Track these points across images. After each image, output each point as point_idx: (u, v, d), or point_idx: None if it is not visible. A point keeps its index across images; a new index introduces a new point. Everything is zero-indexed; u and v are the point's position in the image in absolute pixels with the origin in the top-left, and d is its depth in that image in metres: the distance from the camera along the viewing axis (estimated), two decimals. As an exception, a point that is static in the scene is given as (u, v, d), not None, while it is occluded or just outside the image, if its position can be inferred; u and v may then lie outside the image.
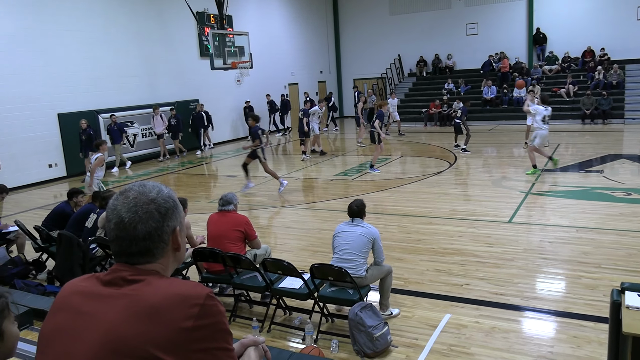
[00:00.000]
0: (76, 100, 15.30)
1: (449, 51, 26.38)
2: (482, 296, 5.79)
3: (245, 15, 21.89)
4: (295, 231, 9.00)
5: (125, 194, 1.48)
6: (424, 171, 13.25)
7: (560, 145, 15.83)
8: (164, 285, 1.41)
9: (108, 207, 1.49)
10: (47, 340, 1.43)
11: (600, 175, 11.47)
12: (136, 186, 1.50)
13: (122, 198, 1.47)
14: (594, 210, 8.84)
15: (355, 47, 28.98)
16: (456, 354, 4.64)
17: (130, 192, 1.48)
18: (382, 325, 4.70)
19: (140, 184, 1.51)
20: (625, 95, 20.94)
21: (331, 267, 5.00)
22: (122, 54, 16.76)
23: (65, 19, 14.96)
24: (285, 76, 25.47)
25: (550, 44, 24.25)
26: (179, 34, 19.01)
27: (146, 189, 1.49)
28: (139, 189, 1.49)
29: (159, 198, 1.48)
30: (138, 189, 1.49)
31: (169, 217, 1.49)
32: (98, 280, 1.45)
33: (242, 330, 5.36)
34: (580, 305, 5.45)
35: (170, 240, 1.50)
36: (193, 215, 9.54)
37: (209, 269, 5.87)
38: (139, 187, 1.50)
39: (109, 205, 1.49)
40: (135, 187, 1.50)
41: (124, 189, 1.51)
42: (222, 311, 1.43)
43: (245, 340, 1.76)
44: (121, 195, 1.49)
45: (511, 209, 9.20)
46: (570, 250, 7.06)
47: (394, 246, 7.48)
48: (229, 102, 21.19)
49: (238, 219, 5.91)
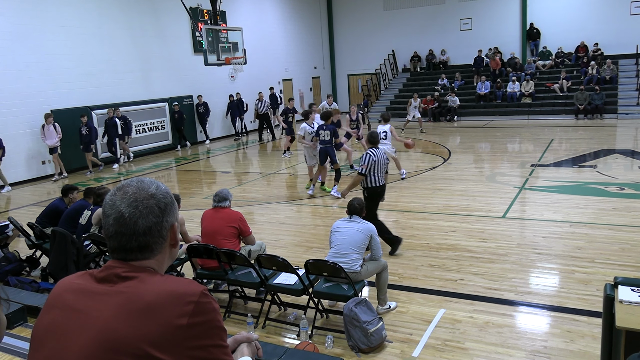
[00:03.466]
0: (70, 96, 15.21)
1: (442, 46, 26.38)
2: (476, 291, 5.82)
3: (239, 11, 21.81)
4: (289, 227, 9.00)
5: (123, 189, 1.47)
6: (417, 167, 13.27)
7: (554, 140, 15.88)
8: (159, 283, 1.41)
9: (105, 203, 1.48)
10: (41, 338, 1.43)
11: (593, 170, 11.52)
12: (134, 182, 1.50)
13: (120, 193, 1.46)
14: (587, 205, 8.88)
15: (350, 42, 28.95)
16: (451, 349, 4.66)
17: (129, 187, 1.47)
18: (377, 321, 4.71)
19: (138, 179, 1.51)
20: (619, 91, 21.01)
21: (326, 262, 5.00)
22: (116, 49, 16.67)
23: (59, 15, 14.84)
24: (279, 72, 25.40)
25: (543, 39, 24.29)
26: (172, 30, 18.92)
27: (145, 185, 1.48)
28: (138, 185, 1.48)
29: (158, 193, 1.48)
30: (137, 185, 1.48)
31: (168, 212, 1.50)
32: (92, 277, 1.45)
33: (237, 326, 5.37)
34: (574, 299, 5.48)
35: (168, 236, 1.50)
36: (187, 211, 9.53)
37: (203, 265, 5.86)
38: (137, 182, 1.49)
39: (106, 201, 1.48)
40: (134, 182, 1.49)
41: (121, 184, 1.50)
42: (216, 308, 1.43)
43: (238, 337, 1.77)
44: (119, 191, 1.47)
45: (505, 204, 9.23)
46: (564, 245, 7.09)
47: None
48: (223, 97, 21.11)
49: (232, 215, 5.90)
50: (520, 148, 15.75)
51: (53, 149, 14.20)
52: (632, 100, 20.39)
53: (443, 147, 15.77)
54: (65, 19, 15.05)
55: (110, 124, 15.54)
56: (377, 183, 7.16)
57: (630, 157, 12.87)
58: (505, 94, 22.49)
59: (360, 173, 7.13)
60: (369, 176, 7.11)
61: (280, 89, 25.26)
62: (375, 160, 7.07)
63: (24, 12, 13.96)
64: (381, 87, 27.17)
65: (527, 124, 20.10)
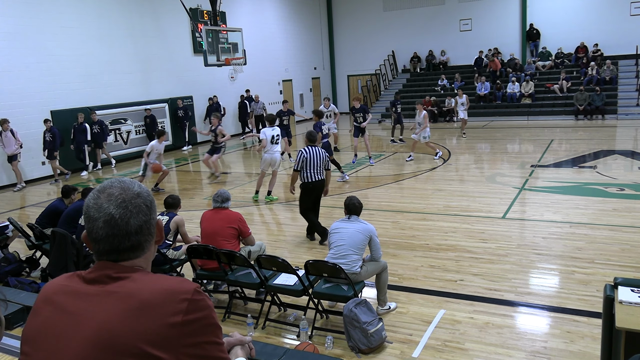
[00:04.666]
0: (69, 97, 15.21)
1: (442, 47, 26.39)
2: (476, 292, 5.81)
3: (239, 12, 21.82)
4: (289, 227, 8.99)
5: (107, 191, 1.45)
6: (417, 167, 13.27)
7: (554, 141, 15.89)
8: (151, 281, 1.41)
9: (89, 207, 1.44)
10: (32, 342, 1.42)
11: (593, 170, 11.53)
12: (115, 182, 1.48)
13: (104, 195, 1.44)
14: (587, 206, 8.88)
15: (349, 43, 28.96)
16: (450, 350, 4.66)
17: (112, 188, 1.45)
18: (377, 321, 4.71)
19: (118, 180, 1.49)
20: (619, 91, 21.03)
21: (325, 263, 5.00)
22: (116, 50, 16.67)
23: (59, 16, 14.84)
24: (279, 72, 25.42)
25: (543, 39, 24.30)
26: (172, 31, 18.92)
27: (127, 184, 1.48)
28: (121, 185, 1.47)
29: (143, 192, 1.49)
30: (120, 185, 1.47)
31: (153, 209, 1.51)
32: (80, 278, 1.44)
33: (237, 327, 5.36)
34: (574, 300, 5.48)
35: (155, 233, 1.52)
36: (187, 212, 9.53)
37: (203, 266, 5.86)
38: (119, 183, 1.48)
39: (89, 205, 1.44)
40: (115, 183, 1.48)
41: (101, 187, 1.48)
42: (210, 305, 1.43)
43: (231, 340, 1.76)
44: (102, 193, 1.45)
45: (505, 204, 9.23)
46: (564, 245, 7.09)
47: (388, 242, 7.50)
48: (222, 98, 21.09)
49: (232, 216, 5.91)
50: (520, 149, 15.75)
51: (12, 157, 13.11)
52: (632, 101, 20.40)
53: (443, 148, 15.76)
54: (66, 19, 15.05)
55: (79, 130, 14.61)
56: (310, 179, 7.63)
57: (630, 157, 12.87)
58: (505, 95, 22.50)
59: (294, 169, 7.75)
60: (303, 172, 7.64)
61: (280, 89, 25.29)
62: (306, 157, 7.58)
63: (24, 13, 13.96)
64: (381, 88, 27.18)
65: (527, 125, 20.11)
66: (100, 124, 15.36)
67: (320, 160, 7.66)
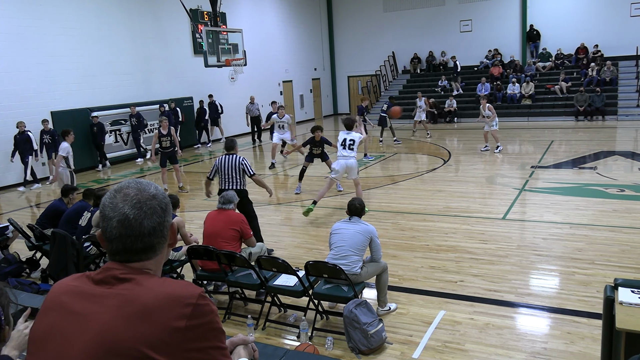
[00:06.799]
0: (69, 98, 15.22)
1: (442, 48, 26.39)
2: (476, 293, 5.81)
3: (239, 12, 21.83)
4: (289, 229, 9.00)
5: (123, 191, 1.47)
6: (417, 168, 13.27)
7: (554, 142, 15.89)
8: (156, 285, 1.41)
9: (104, 205, 1.46)
10: (40, 342, 1.42)
11: (593, 171, 11.52)
12: (132, 183, 1.49)
13: (120, 195, 1.45)
14: (587, 207, 8.88)
15: (350, 44, 28.97)
16: (451, 351, 4.66)
17: (129, 189, 1.47)
18: (377, 322, 4.70)
19: (135, 181, 1.50)
20: (619, 92, 21.02)
21: (326, 264, 5.00)
22: (116, 51, 16.68)
23: (59, 17, 14.86)
24: (280, 73, 25.44)
25: (543, 40, 24.31)
26: (172, 31, 18.93)
27: (144, 186, 1.49)
28: (137, 186, 1.48)
29: (158, 194, 1.49)
30: (136, 186, 1.48)
31: (168, 212, 1.51)
32: (89, 279, 1.44)
33: (237, 328, 5.36)
34: (574, 301, 5.47)
35: (168, 235, 1.51)
36: (187, 212, 9.53)
37: (203, 266, 5.86)
38: (135, 184, 1.49)
39: (105, 204, 1.46)
40: (132, 184, 1.49)
41: (118, 186, 1.50)
42: (214, 310, 1.43)
43: (235, 339, 1.77)
44: (118, 193, 1.47)
45: (505, 205, 9.23)
46: (564, 246, 7.09)
47: (388, 243, 7.49)
48: (222, 99, 21.10)
49: (234, 218, 5.91)
50: (520, 149, 15.76)
51: None
52: (632, 102, 20.40)
53: (443, 149, 15.77)
54: (65, 20, 15.06)
55: (22, 140, 13.27)
56: (221, 186, 7.40)
57: (630, 158, 12.87)
58: (505, 96, 22.50)
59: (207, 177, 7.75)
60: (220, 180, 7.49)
61: (280, 90, 25.32)
62: (216, 165, 7.45)
63: (23, 14, 13.97)
64: (381, 89, 27.18)
65: (527, 126, 20.11)
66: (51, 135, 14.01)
67: (230, 169, 7.28)
